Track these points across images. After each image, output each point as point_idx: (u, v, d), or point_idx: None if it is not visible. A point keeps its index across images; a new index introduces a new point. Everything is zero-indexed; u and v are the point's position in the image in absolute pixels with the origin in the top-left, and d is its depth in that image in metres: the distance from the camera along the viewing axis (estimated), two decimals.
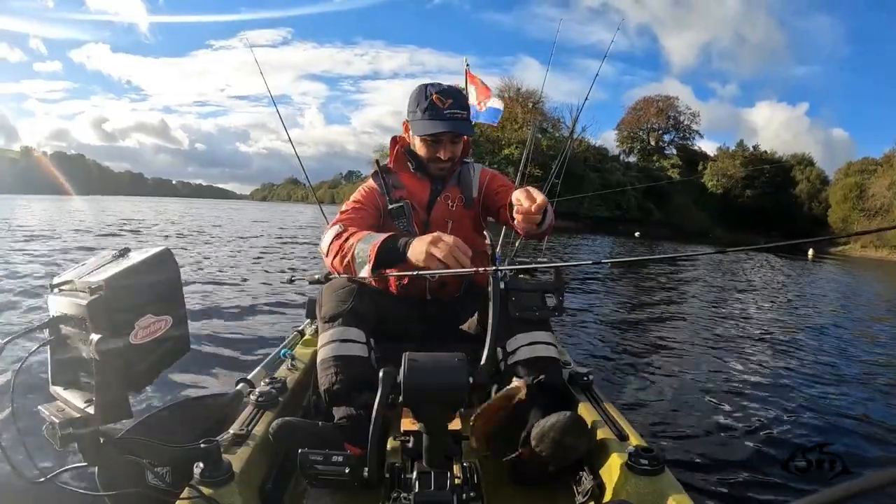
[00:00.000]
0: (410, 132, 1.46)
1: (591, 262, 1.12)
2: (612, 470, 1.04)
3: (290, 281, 2.04)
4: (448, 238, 1.10)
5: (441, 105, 1.37)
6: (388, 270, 1.27)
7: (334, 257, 1.28)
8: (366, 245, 1.20)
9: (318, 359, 1.24)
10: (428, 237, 1.12)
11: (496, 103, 3.69)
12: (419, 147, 1.44)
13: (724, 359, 3.42)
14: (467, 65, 3.71)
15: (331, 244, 1.30)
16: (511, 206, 1.16)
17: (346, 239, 1.26)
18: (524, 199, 1.11)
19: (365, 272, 1.19)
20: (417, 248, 1.12)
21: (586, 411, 1.26)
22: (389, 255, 1.17)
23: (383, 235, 1.21)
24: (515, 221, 1.16)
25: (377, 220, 1.43)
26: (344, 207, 1.43)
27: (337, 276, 1.35)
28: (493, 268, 1.06)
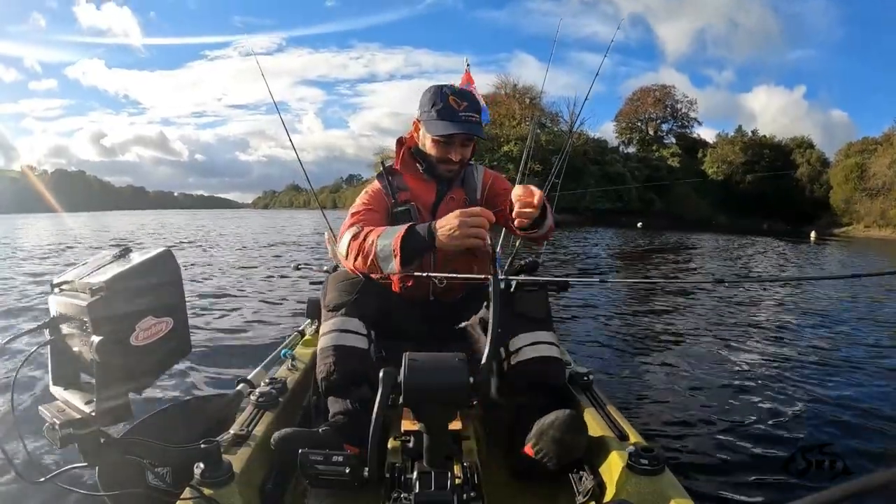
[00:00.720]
0: (422, 131, 1.45)
1: (597, 279, 1.14)
2: (612, 469, 1.04)
3: (297, 268, 2.03)
4: (474, 209, 1.11)
5: (457, 107, 1.37)
6: (408, 271, 1.24)
7: (355, 258, 1.26)
8: (387, 240, 1.19)
9: (318, 347, 1.25)
10: (451, 215, 1.12)
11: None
12: (430, 147, 1.43)
13: (726, 356, 3.41)
14: (468, 64, 3.70)
15: (349, 246, 1.28)
16: (511, 207, 1.17)
17: (365, 237, 1.25)
18: (524, 194, 1.12)
19: (392, 268, 1.18)
20: (446, 229, 1.12)
21: (586, 411, 1.26)
22: (415, 245, 1.16)
23: (402, 227, 1.19)
24: (514, 212, 1.15)
25: (386, 221, 1.42)
26: (354, 210, 1.42)
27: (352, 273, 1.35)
28: (500, 277, 1.08)
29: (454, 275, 1.08)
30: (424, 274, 1.13)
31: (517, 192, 1.13)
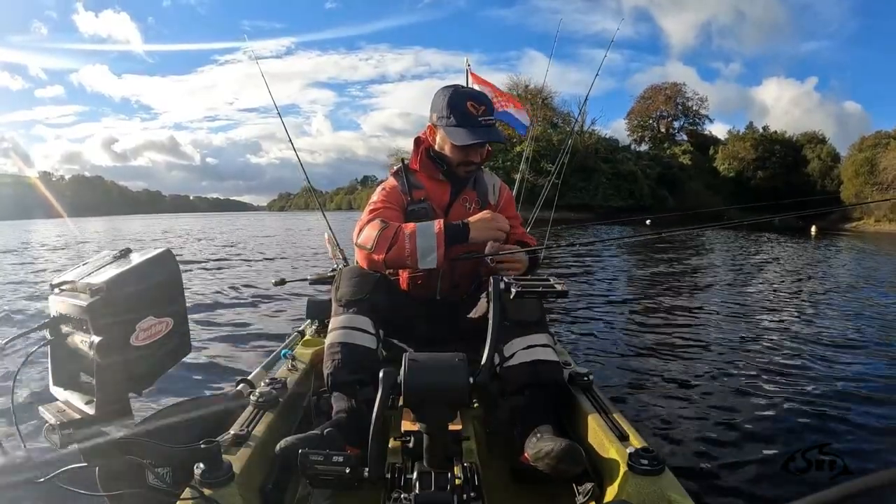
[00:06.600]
0: (439, 136, 1.46)
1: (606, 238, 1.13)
2: (612, 470, 1.04)
3: (282, 282, 2.02)
4: (501, 215, 1.37)
5: (475, 112, 1.39)
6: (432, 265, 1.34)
7: (386, 252, 1.28)
8: (426, 235, 1.28)
9: (327, 342, 1.26)
10: (483, 216, 1.34)
11: (524, 117, 3.61)
12: (450, 150, 1.44)
13: (727, 356, 3.41)
14: (468, 65, 3.66)
15: (378, 240, 1.30)
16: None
17: (396, 232, 1.29)
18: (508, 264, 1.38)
19: (432, 261, 1.28)
20: (480, 223, 1.32)
21: (587, 412, 1.26)
22: (454, 238, 1.30)
23: (436, 223, 1.30)
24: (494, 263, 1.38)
25: (402, 218, 1.43)
26: (373, 206, 1.43)
27: (367, 270, 1.37)
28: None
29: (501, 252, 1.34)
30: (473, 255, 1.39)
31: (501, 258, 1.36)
